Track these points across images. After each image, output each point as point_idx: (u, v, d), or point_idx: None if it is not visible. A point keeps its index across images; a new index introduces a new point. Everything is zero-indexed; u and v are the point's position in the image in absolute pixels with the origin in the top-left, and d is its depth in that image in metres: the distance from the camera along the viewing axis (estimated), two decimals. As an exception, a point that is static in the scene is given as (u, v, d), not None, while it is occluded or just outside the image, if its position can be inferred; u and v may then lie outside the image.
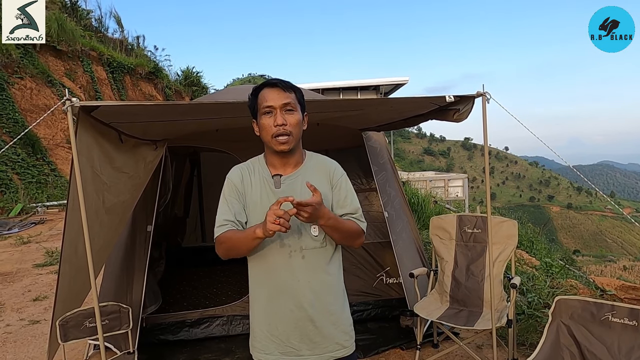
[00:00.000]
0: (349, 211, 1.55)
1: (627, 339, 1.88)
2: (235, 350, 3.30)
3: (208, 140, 3.69)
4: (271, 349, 1.52)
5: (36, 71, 13.57)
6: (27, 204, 10.39)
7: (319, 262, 1.52)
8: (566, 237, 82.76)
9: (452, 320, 2.81)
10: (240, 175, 1.57)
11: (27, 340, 3.75)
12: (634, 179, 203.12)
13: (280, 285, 1.50)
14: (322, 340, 1.52)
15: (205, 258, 5.64)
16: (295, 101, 1.49)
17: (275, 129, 1.45)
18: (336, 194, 1.56)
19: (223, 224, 1.49)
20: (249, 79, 61.21)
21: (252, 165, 1.60)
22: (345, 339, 1.57)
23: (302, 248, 1.49)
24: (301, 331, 1.50)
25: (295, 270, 1.49)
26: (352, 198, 1.57)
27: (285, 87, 1.48)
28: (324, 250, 1.53)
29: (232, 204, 1.52)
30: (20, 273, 5.86)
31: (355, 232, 1.53)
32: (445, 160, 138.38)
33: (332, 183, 1.57)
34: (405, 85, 13.69)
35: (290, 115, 1.47)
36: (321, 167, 1.59)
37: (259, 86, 1.53)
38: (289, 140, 1.46)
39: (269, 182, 1.54)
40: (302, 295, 1.49)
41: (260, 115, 1.49)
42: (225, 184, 1.57)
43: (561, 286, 4.01)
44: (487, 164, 2.59)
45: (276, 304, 1.51)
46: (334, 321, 1.54)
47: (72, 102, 1.82)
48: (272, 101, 1.46)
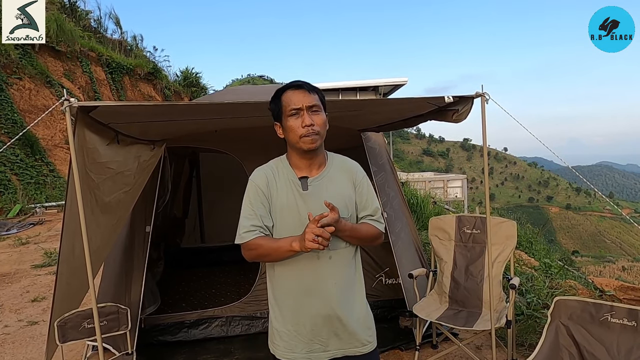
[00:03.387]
0: (369, 212, 1.60)
1: (626, 339, 1.88)
2: (234, 351, 3.29)
3: (207, 140, 3.69)
4: (298, 348, 1.55)
5: (35, 72, 13.56)
6: (26, 204, 10.38)
7: (344, 262, 1.57)
8: (565, 237, 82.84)
9: (451, 321, 2.80)
10: (266, 179, 1.58)
11: (25, 342, 3.74)
12: (633, 179, 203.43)
13: (309, 287, 1.53)
14: (348, 337, 1.56)
15: (204, 259, 5.67)
16: (319, 102, 1.54)
17: (304, 129, 1.48)
18: (359, 195, 1.61)
19: (251, 230, 1.51)
20: (248, 80, 61.22)
21: (276, 168, 1.61)
22: (369, 334, 1.62)
23: (329, 249, 1.50)
24: (329, 329, 1.54)
25: (323, 271, 1.53)
26: (373, 199, 1.63)
27: (310, 89, 1.52)
28: (348, 250, 1.58)
29: (258, 208, 1.54)
30: (19, 274, 5.84)
31: (373, 235, 1.59)
32: (444, 161, 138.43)
33: (355, 184, 1.62)
34: (405, 85, 13.67)
35: (317, 116, 1.50)
36: (344, 168, 1.63)
37: (281, 89, 1.55)
38: (317, 139, 1.50)
39: (296, 185, 1.56)
40: (329, 294, 1.52)
41: (286, 117, 1.51)
42: (249, 187, 1.58)
43: (560, 287, 4.01)
44: (486, 164, 2.59)
45: (304, 305, 1.54)
46: (357, 317, 1.59)
47: (70, 102, 1.82)
48: (299, 103, 1.49)
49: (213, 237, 6.08)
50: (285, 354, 1.57)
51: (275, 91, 1.57)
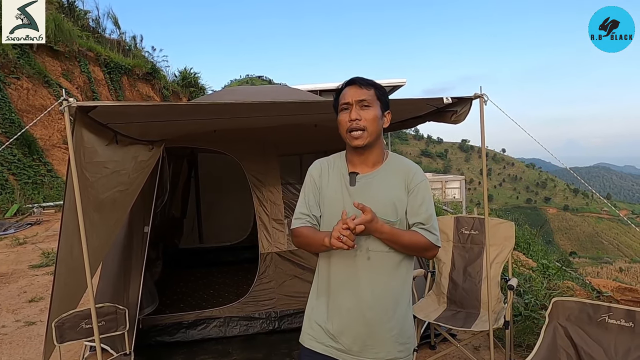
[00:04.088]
0: (420, 220, 1.51)
1: (623, 340, 1.88)
2: (232, 352, 3.29)
3: (206, 141, 3.69)
4: (323, 339, 1.55)
5: (33, 71, 13.51)
6: (23, 204, 10.34)
7: (385, 266, 1.50)
8: (563, 238, 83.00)
9: (449, 322, 2.81)
10: (320, 169, 1.61)
11: (22, 342, 3.73)
12: (630, 181, 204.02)
13: (342, 283, 1.51)
14: (374, 343, 1.50)
15: (202, 259, 5.66)
16: (374, 97, 1.50)
17: (349, 124, 1.47)
18: (412, 200, 1.52)
19: (299, 217, 1.56)
20: (247, 80, 61.19)
21: (333, 160, 1.62)
22: (399, 350, 1.52)
23: (368, 249, 1.48)
24: (355, 331, 1.50)
25: (359, 270, 1.49)
26: (427, 207, 1.53)
27: (364, 84, 1.50)
28: (391, 254, 1.50)
29: (309, 198, 1.57)
30: (16, 274, 5.82)
31: (420, 245, 1.49)
32: (442, 162, 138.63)
33: (408, 188, 1.53)
34: (403, 87, 13.69)
35: (366, 111, 1.47)
36: (400, 169, 1.56)
37: (341, 85, 1.56)
38: (363, 135, 1.47)
39: (345, 179, 1.55)
40: (362, 296, 1.49)
41: (339, 112, 1.53)
42: (306, 177, 1.62)
43: (558, 288, 4.02)
44: (485, 165, 2.60)
45: (336, 301, 1.53)
46: (390, 328, 1.51)
47: (69, 102, 1.82)
48: (348, 97, 1.49)
49: (211, 238, 6.07)
50: (309, 342, 1.57)
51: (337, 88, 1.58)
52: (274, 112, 2.85)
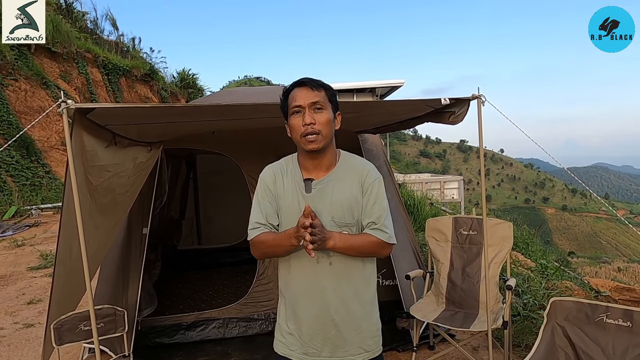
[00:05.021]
0: (372, 220, 1.50)
1: (621, 340, 1.89)
2: (232, 353, 3.29)
3: (204, 142, 3.69)
4: (295, 347, 1.54)
5: (31, 73, 13.49)
6: (22, 206, 10.31)
7: (348, 270, 1.50)
8: (561, 238, 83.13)
9: (448, 322, 2.81)
10: (273, 176, 1.55)
11: (21, 344, 3.72)
12: (628, 181, 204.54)
13: (306, 290, 1.50)
14: (344, 344, 1.52)
15: (201, 261, 5.66)
16: (326, 99, 1.46)
17: (303, 128, 1.43)
18: (365, 200, 1.51)
19: (255, 227, 1.50)
20: (245, 81, 61.23)
21: (285, 166, 1.58)
22: (368, 344, 1.56)
23: (330, 255, 1.47)
24: (324, 334, 1.50)
25: (322, 276, 1.48)
26: (379, 205, 1.51)
27: (314, 86, 1.46)
28: (352, 258, 1.50)
29: (264, 206, 1.52)
30: (14, 276, 5.81)
31: (373, 245, 1.48)
32: (441, 162, 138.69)
33: (363, 187, 1.52)
34: (402, 87, 13.70)
35: (319, 114, 1.44)
36: (353, 170, 1.54)
37: (289, 86, 1.51)
38: (318, 139, 1.43)
39: (300, 186, 1.52)
40: (328, 301, 1.48)
41: (290, 115, 1.47)
42: (258, 185, 1.57)
43: (556, 288, 4.03)
44: (483, 166, 2.61)
45: (302, 307, 1.51)
46: (357, 327, 1.53)
47: (67, 104, 1.81)
48: (300, 100, 1.44)
49: (210, 239, 6.07)
50: (282, 350, 1.57)
51: (283, 89, 1.53)
52: (272, 114, 2.85)
